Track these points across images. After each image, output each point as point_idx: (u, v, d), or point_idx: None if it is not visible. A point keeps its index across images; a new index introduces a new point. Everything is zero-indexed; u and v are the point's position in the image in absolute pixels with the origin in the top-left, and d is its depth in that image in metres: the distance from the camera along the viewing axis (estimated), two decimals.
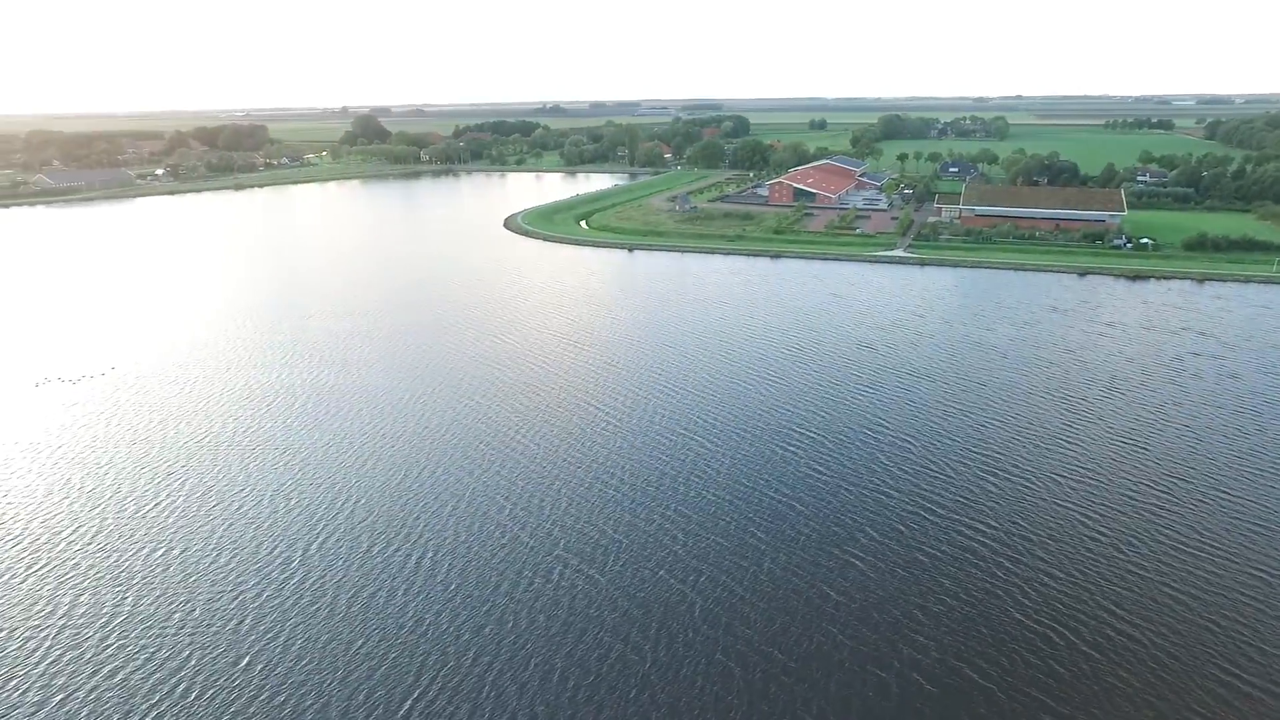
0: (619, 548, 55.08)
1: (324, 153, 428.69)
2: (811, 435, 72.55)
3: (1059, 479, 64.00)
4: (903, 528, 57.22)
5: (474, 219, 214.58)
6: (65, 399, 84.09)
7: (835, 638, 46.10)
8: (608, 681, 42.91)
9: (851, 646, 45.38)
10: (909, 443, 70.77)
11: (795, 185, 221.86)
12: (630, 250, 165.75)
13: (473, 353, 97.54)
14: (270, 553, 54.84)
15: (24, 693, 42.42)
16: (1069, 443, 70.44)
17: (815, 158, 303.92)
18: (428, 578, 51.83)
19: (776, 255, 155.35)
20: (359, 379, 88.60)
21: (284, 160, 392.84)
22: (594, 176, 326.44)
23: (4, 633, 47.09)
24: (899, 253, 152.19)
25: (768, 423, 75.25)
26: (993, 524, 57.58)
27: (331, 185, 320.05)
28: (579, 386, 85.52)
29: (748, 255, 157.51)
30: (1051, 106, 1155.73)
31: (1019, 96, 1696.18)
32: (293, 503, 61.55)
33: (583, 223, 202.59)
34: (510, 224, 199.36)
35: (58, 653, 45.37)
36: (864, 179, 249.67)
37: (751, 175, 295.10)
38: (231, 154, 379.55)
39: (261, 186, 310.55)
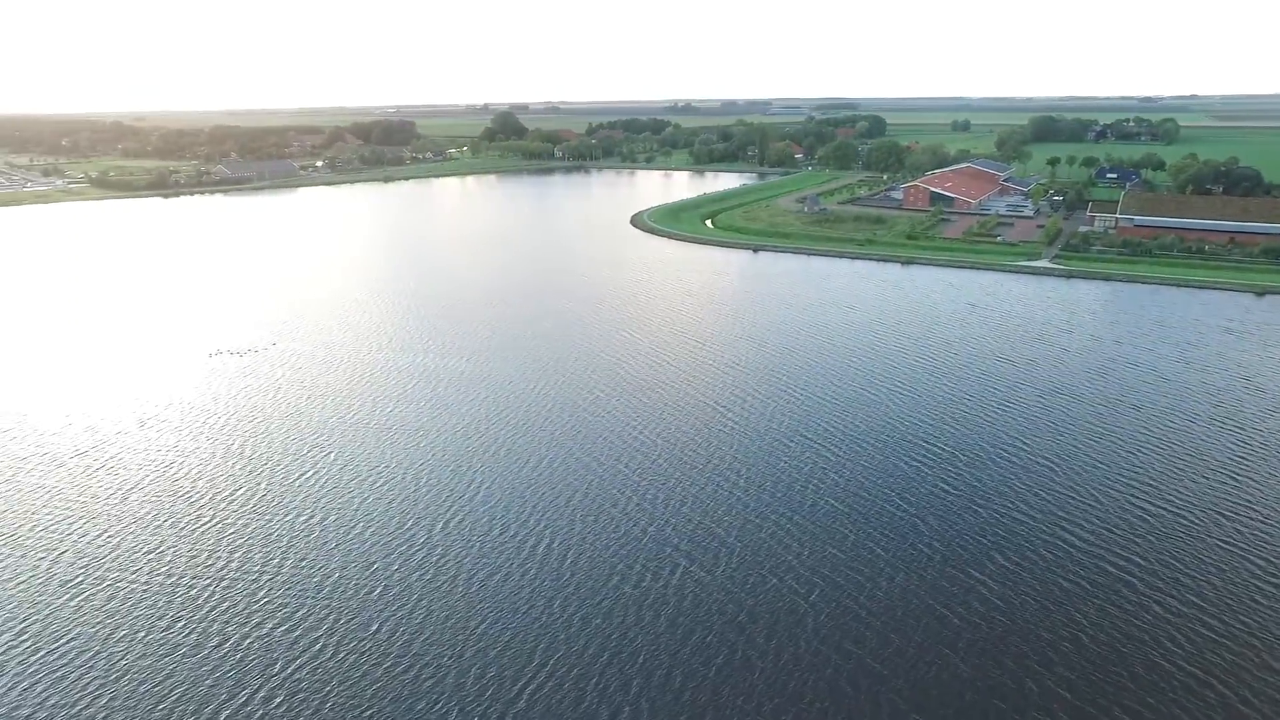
0: (733, 551, 54.63)
1: (464, 148, 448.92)
2: (941, 450, 69.28)
3: (1225, 517, 58.09)
4: (1038, 555, 53.67)
5: (602, 215, 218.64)
6: (233, 370, 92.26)
7: (956, 667, 43.83)
8: (713, 685, 42.66)
9: (975, 678, 43.01)
10: (1049, 465, 66.26)
11: (932, 189, 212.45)
12: (755, 251, 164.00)
13: (597, 347, 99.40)
14: (402, 528, 57.99)
15: (185, 634, 46.85)
16: (1239, 477, 63.80)
17: (955, 160, 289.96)
18: (545, 566, 53.27)
19: (908, 261, 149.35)
20: (488, 367, 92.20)
21: (428, 155, 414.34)
22: (722, 175, 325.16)
23: (173, 579, 52.17)
24: (1044, 263, 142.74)
25: (893, 434, 72.49)
26: (1142, 560, 53.01)
27: (470, 179, 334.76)
28: (699, 385, 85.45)
29: (877, 260, 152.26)
30: (1232, 107, 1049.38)
31: (1193, 96, 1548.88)
32: (424, 482, 64.82)
33: (708, 221, 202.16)
34: (637, 221, 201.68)
35: (214, 603, 49.83)
36: (1008, 184, 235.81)
37: (885, 178, 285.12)
38: (382, 148, 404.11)
39: (407, 179, 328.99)
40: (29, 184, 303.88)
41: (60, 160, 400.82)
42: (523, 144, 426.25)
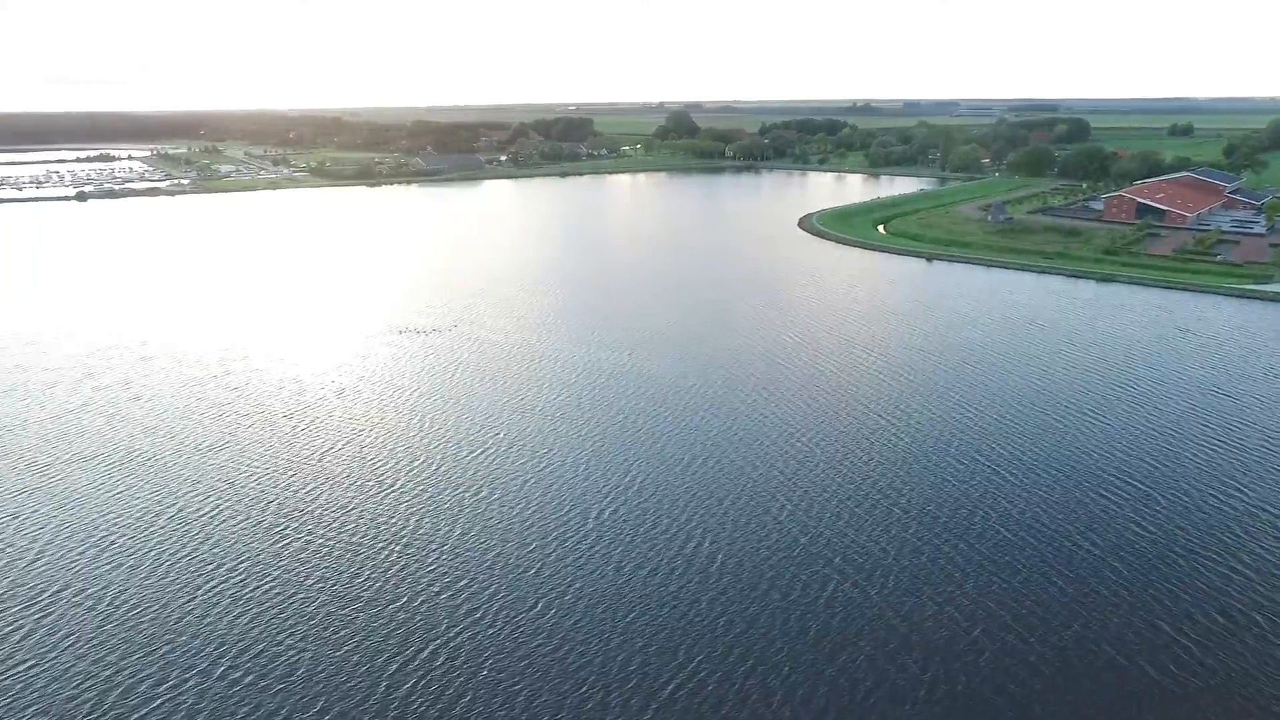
0: (890, 572, 52.35)
1: (638, 145, 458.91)
2: (1136, 488, 62.75)
3: None
4: (1252, 620, 47.35)
5: (769, 216, 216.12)
6: (419, 348, 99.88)
7: None
8: (859, 712, 41.10)
9: None
10: (1273, 518, 58.21)
11: (1140, 200, 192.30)
12: (929, 260, 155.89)
13: (757, 350, 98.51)
14: (559, 512, 60.34)
15: (364, 588, 51.28)
16: None
17: (1172, 169, 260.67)
18: (694, 565, 53.54)
19: (1104, 279, 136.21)
20: (649, 363, 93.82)
21: (603, 151, 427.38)
22: (898, 180, 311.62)
23: (357, 536, 57.28)
24: (1277, 288, 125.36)
25: (1079, 466, 66.49)
26: None
27: (641, 176, 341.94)
28: (863, 395, 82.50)
29: (1068, 276, 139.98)
30: None
31: None
32: (583, 469, 67.09)
33: (880, 227, 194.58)
34: (805, 224, 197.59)
35: (390, 563, 54.16)
36: (1236, 196, 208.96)
37: (1084, 186, 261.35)
38: (561, 144, 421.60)
39: (582, 175, 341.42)
40: (262, 172, 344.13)
41: (287, 151, 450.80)
42: (694, 142, 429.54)
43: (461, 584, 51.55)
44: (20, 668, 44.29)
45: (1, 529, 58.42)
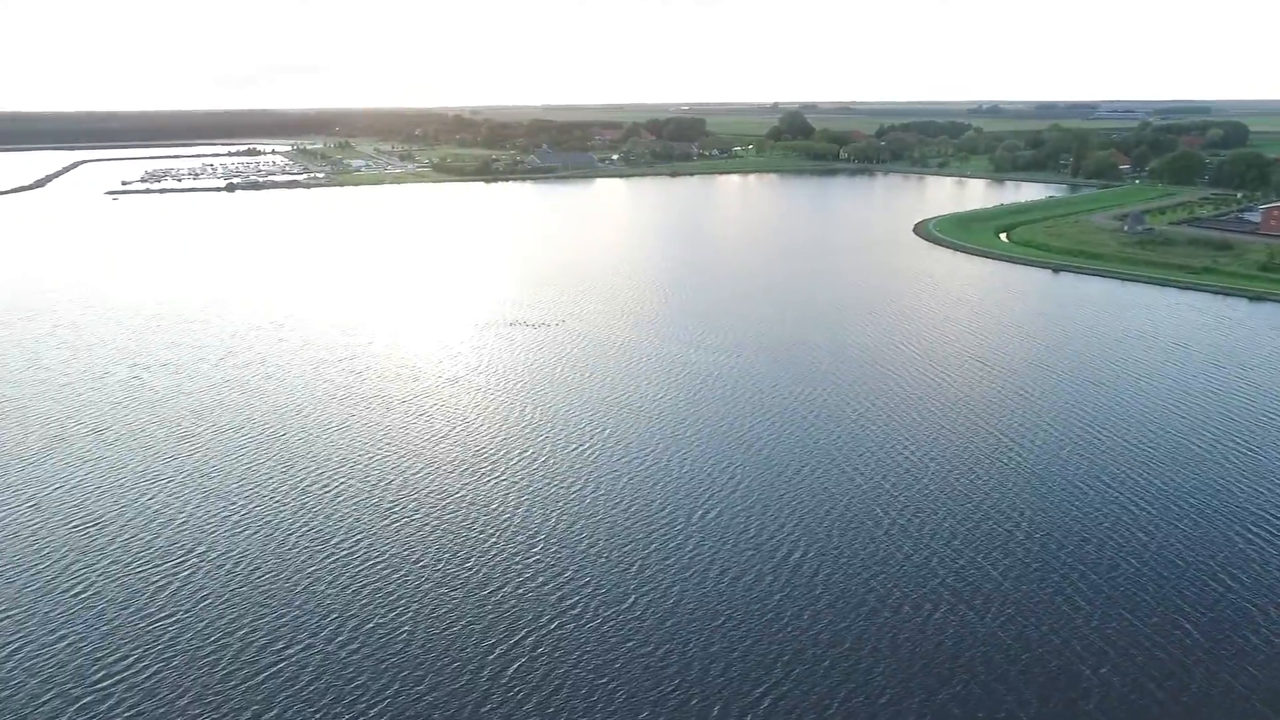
0: (1007, 597, 49.68)
1: (750, 146, 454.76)
2: None
3: None
4: None
5: (882, 221, 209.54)
6: (528, 341, 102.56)
7: None
8: None
9: None
10: None
11: None
12: (1055, 271, 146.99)
13: (866, 357, 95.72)
14: (660, 512, 60.52)
15: (473, 572, 53.05)
16: None
17: None
18: (795, 575, 52.53)
19: (1258, 297, 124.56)
20: (752, 366, 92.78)
21: (714, 152, 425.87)
22: (1025, 186, 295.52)
23: (466, 523, 59.34)
24: None
25: (1224, 498, 61.07)
26: None
27: (752, 177, 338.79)
28: (981, 410, 78.71)
29: (1215, 293, 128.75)
30: None
31: None
32: (684, 470, 67.06)
33: (1003, 235, 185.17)
34: (920, 230, 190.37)
35: (495, 550, 55.78)
36: None
37: (1240, 196, 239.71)
38: (672, 144, 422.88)
39: (692, 175, 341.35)
40: (389, 167, 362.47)
41: (413, 147, 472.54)
42: (807, 144, 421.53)
43: (561, 576, 52.52)
44: (161, 619, 48.29)
45: (154, 491, 63.92)
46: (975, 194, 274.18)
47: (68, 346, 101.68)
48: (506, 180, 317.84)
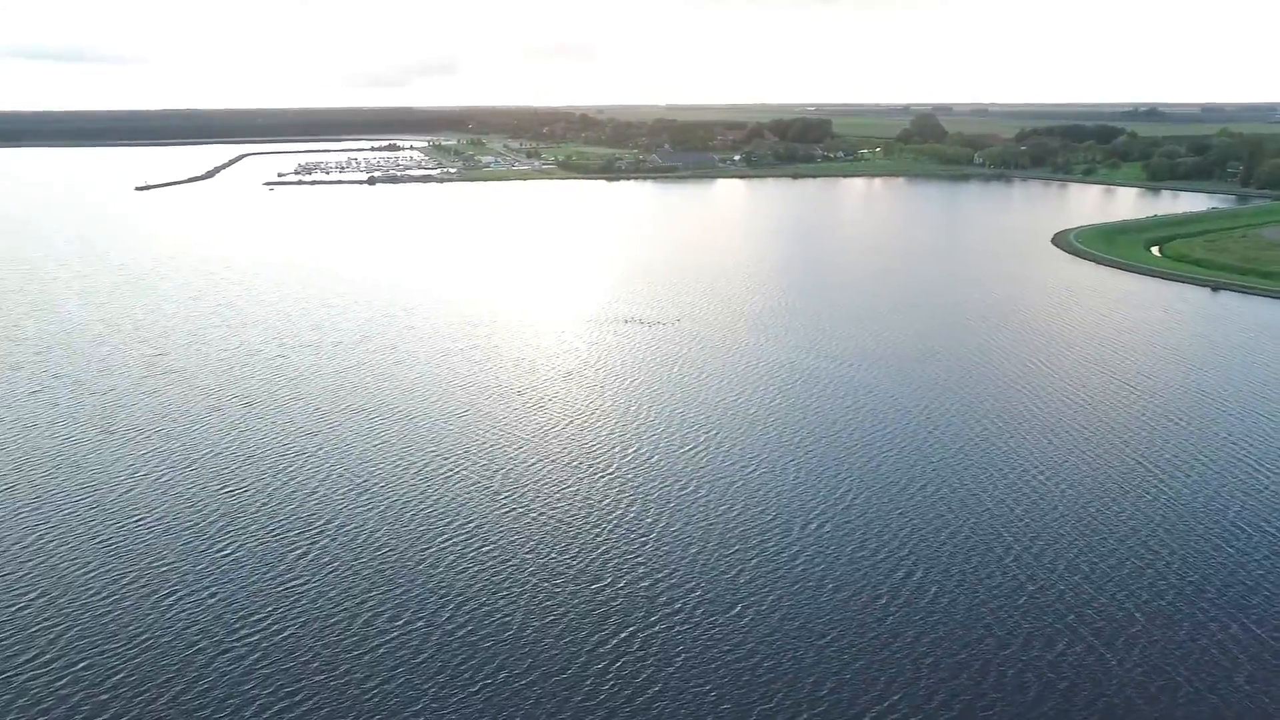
0: (1154, 642, 45.82)
1: (877, 149, 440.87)
2: None
3: None
4: None
5: (1019, 230, 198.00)
6: (642, 339, 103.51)
7: None
8: None
9: None
10: None
11: None
12: (1215, 289, 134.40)
13: (996, 372, 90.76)
14: (766, 518, 59.62)
15: (575, 562, 54.07)
16: None
17: None
18: (910, 599, 50.49)
19: None
20: (872, 377, 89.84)
21: (839, 154, 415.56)
22: (1183, 196, 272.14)
23: (571, 515, 60.52)
24: None
25: None
26: None
27: (877, 182, 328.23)
28: (1122, 436, 73.05)
29: None
30: None
31: None
32: (795, 479, 65.81)
33: (1155, 249, 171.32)
34: (1060, 241, 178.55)
35: (605, 548, 56.56)
36: None
37: None
38: (795, 145, 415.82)
39: (814, 177, 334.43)
40: (516, 164, 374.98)
41: (539, 145, 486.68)
42: (938, 147, 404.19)
43: (662, 575, 52.67)
44: (295, 583, 51.87)
45: (295, 466, 68.78)
46: (1124, 204, 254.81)
47: (227, 325, 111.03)
48: (628, 179, 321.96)
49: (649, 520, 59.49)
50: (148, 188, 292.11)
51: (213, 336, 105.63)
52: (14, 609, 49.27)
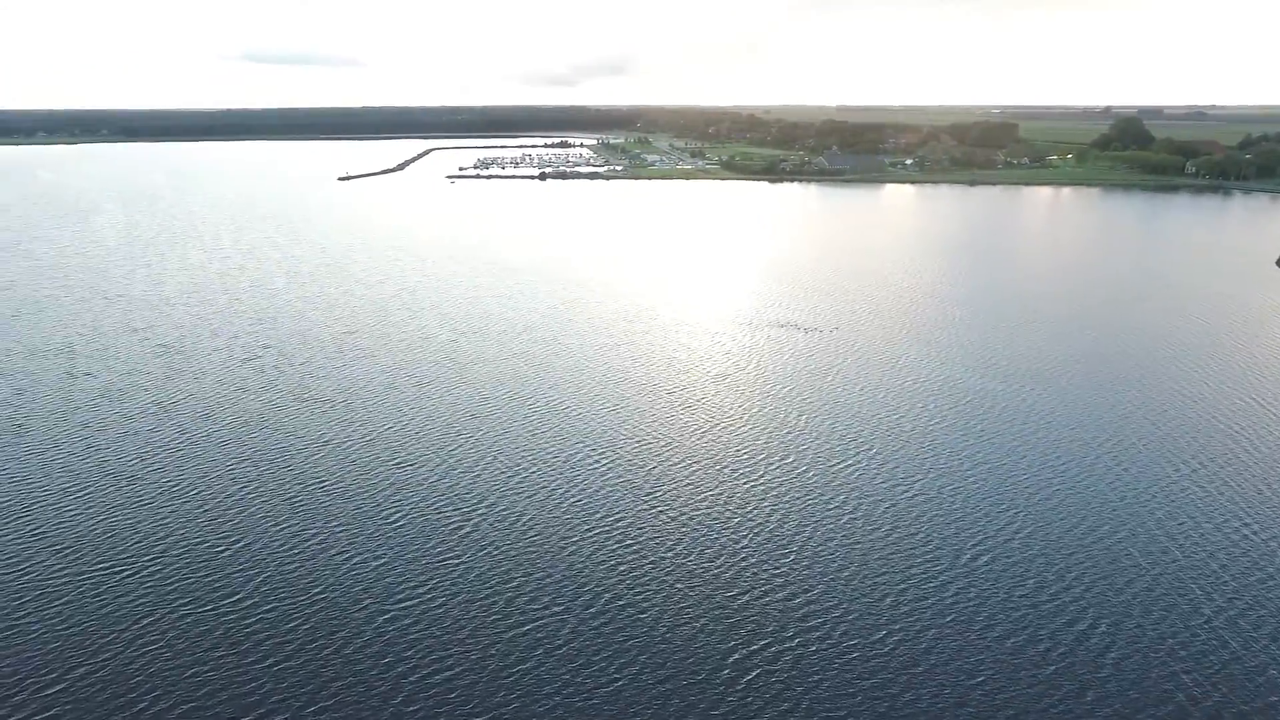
0: None
1: (1069, 155, 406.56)
2: None
3: None
4: None
5: (1237, 249, 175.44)
6: (797, 344, 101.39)
7: None
8: None
9: None
10: None
11: None
12: None
13: (1199, 408, 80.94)
14: (926, 545, 56.57)
15: (698, 561, 53.86)
16: None
17: None
18: (1079, 646, 46.18)
19: None
20: (1045, 397, 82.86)
21: (1024, 160, 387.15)
22: None
23: (727, 524, 60.29)
24: None
25: None
26: None
27: (1065, 191, 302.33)
28: None
29: None
30: None
31: None
32: (958, 506, 61.98)
33: None
34: None
35: (753, 558, 55.96)
36: None
37: None
38: (974, 150, 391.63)
39: (993, 185, 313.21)
40: (680, 163, 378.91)
41: (704, 145, 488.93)
42: (1142, 154, 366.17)
43: (802, 591, 51.33)
44: (450, 559, 55.18)
45: (458, 447, 73.24)
46: None
47: (407, 309, 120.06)
48: (792, 181, 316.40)
49: (793, 533, 58.22)
50: (348, 178, 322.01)
51: (395, 319, 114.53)
52: (215, 550, 55.80)
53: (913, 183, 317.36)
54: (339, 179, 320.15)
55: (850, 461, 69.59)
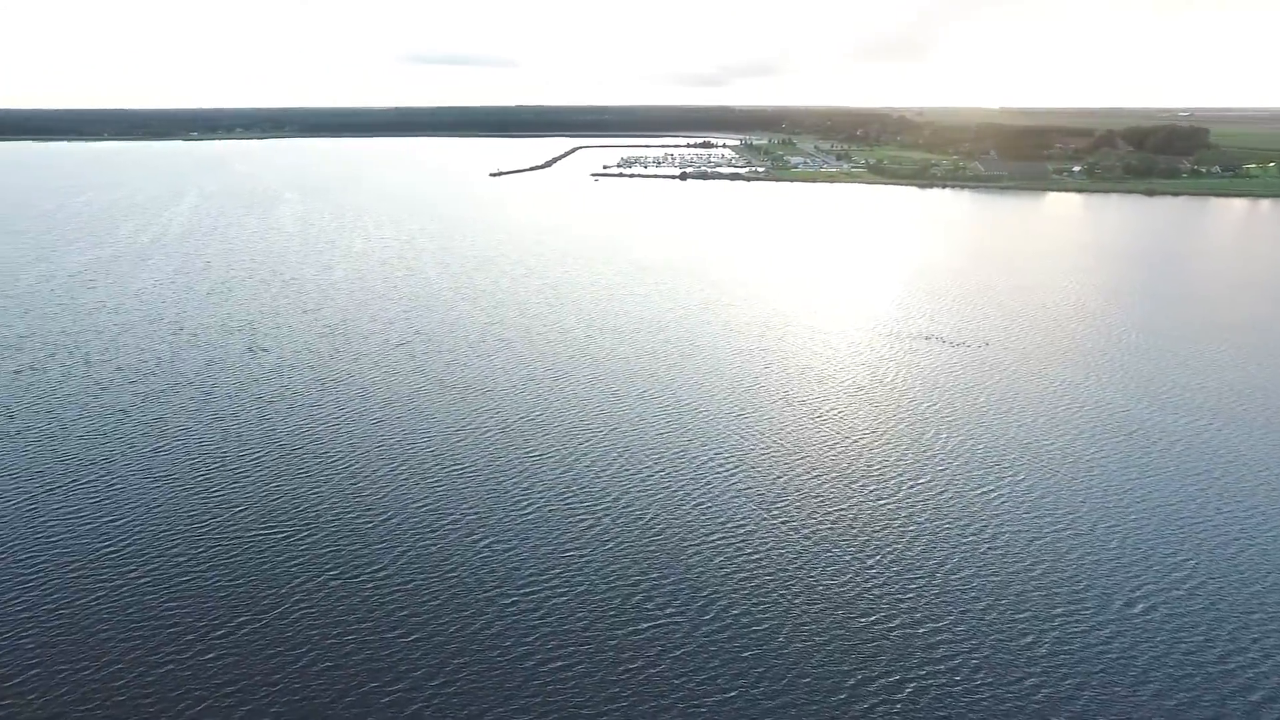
0: None
1: (1270, 164, 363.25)
2: None
3: None
4: None
5: None
6: (942, 359, 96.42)
7: None
8: None
9: None
10: None
11: None
12: None
13: None
14: (1081, 588, 52.39)
15: (808, 573, 52.14)
16: None
17: None
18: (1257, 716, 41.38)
19: None
20: (1229, 434, 74.37)
21: (1214, 169, 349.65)
22: None
23: (854, 543, 58.42)
24: None
25: None
26: None
27: (1265, 204, 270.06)
28: None
29: None
30: None
31: None
32: (1119, 547, 56.89)
33: None
34: None
35: (869, 576, 53.92)
36: None
37: None
38: (1154, 157, 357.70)
39: (1175, 195, 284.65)
40: (824, 166, 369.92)
41: (851, 147, 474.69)
42: None
43: (940, 624, 48.69)
44: (576, 552, 56.49)
45: (589, 443, 74.95)
46: None
47: (548, 303, 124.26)
48: (943, 187, 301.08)
49: (923, 558, 55.48)
50: (499, 174, 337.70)
51: (535, 312, 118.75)
52: (362, 523, 59.93)
53: (1080, 191, 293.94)
54: (490, 174, 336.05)
55: (992, 488, 65.48)
